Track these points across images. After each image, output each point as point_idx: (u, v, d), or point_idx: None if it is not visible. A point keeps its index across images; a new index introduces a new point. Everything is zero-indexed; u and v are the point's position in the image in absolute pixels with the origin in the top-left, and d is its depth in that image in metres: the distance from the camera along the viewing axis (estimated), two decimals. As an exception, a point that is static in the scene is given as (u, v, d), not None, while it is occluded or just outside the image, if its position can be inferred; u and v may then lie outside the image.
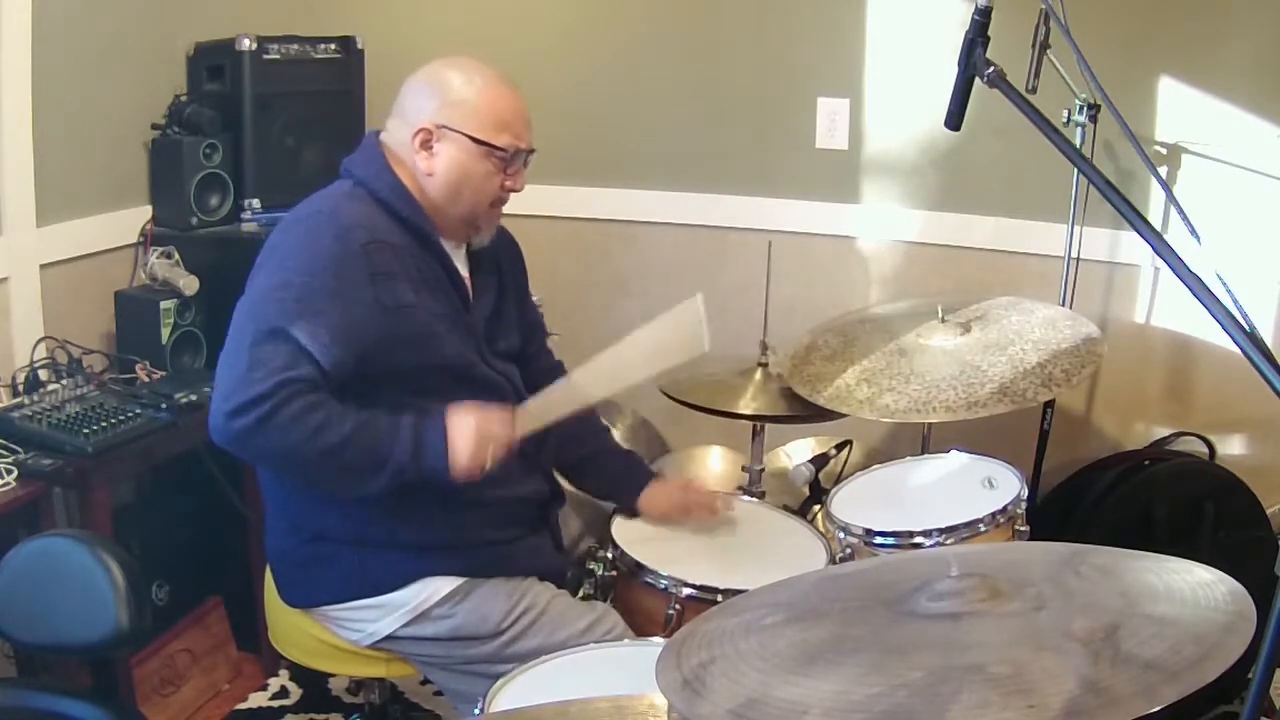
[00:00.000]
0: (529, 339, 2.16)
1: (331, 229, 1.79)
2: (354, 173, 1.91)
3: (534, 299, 2.25)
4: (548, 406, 1.89)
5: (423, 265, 1.88)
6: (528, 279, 2.19)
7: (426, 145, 1.88)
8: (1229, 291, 1.41)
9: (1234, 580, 1.06)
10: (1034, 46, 2.39)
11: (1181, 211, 1.82)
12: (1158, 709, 0.89)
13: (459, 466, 1.77)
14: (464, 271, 1.98)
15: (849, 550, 2.00)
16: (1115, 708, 0.88)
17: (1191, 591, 1.06)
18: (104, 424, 2.27)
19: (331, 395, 1.75)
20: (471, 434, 1.78)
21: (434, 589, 1.88)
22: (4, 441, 2.22)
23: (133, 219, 2.80)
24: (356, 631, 1.92)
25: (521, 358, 2.11)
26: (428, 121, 1.87)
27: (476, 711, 1.54)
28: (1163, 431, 2.89)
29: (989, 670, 0.95)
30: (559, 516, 2.11)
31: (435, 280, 1.90)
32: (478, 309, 1.98)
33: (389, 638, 1.90)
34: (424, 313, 1.85)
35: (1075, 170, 2.62)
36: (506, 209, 1.99)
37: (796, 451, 2.95)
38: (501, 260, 2.08)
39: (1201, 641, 0.95)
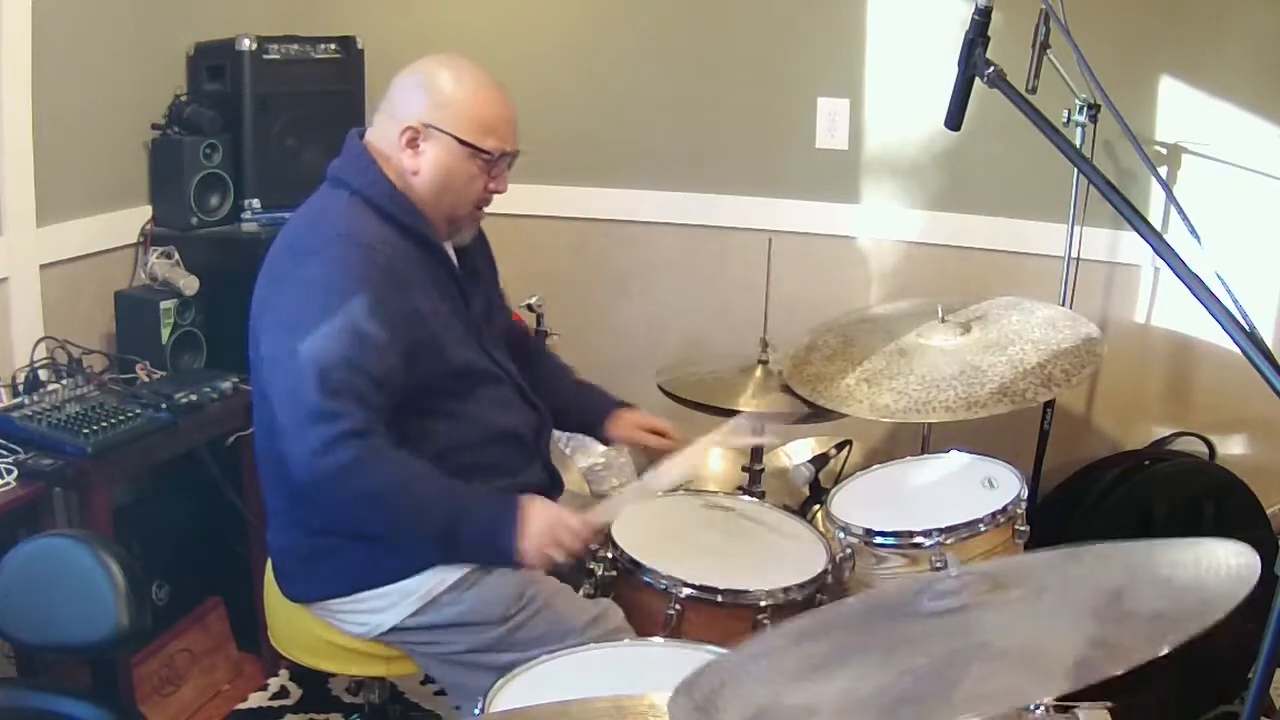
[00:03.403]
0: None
1: (357, 249, 1.80)
2: (348, 182, 1.91)
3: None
4: (615, 507, 1.96)
5: (427, 268, 1.90)
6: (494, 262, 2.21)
7: (413, 144, 1.88)
8: (1229, 291, 1.41)
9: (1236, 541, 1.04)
10: (1034, 46, 2.39)
11: (1181, 211, 1.82)
12: (1165, 654, 0.87)
13: (526, 558, 1.79)
14: (458, 269, 1.99)
15: (849, 550, 2.00)
16: (1123, 657, 0.87)
17: (1194, 556, 1.05)
18: (104, 424, 2.27)
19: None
20: (546, 529, 1.79)
21: (443, 576, 1.88)
22: (4, 441, 2.22)
23: (133, 219, 2.80)
24: (361, 625, 1.92)
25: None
26: (415, 120, 1.88)
27: (477, 711, 1.54)
28: (1163, 431, 2.89)
29: (995, 645, 0.94)
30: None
31: (439, 280, 1.92)
32: (475, 305, 2.00)
33: (395, 629, 1.90)
34: (435, 317, 1.88)
35: (1075, 170, 2.62)
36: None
37: (796, 451, 2.95)
38: (478, 252, 2.10)
39: (1204, 590, 0.95)
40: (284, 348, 1.76)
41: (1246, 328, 1.14)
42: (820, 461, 2.48)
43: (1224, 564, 1.00)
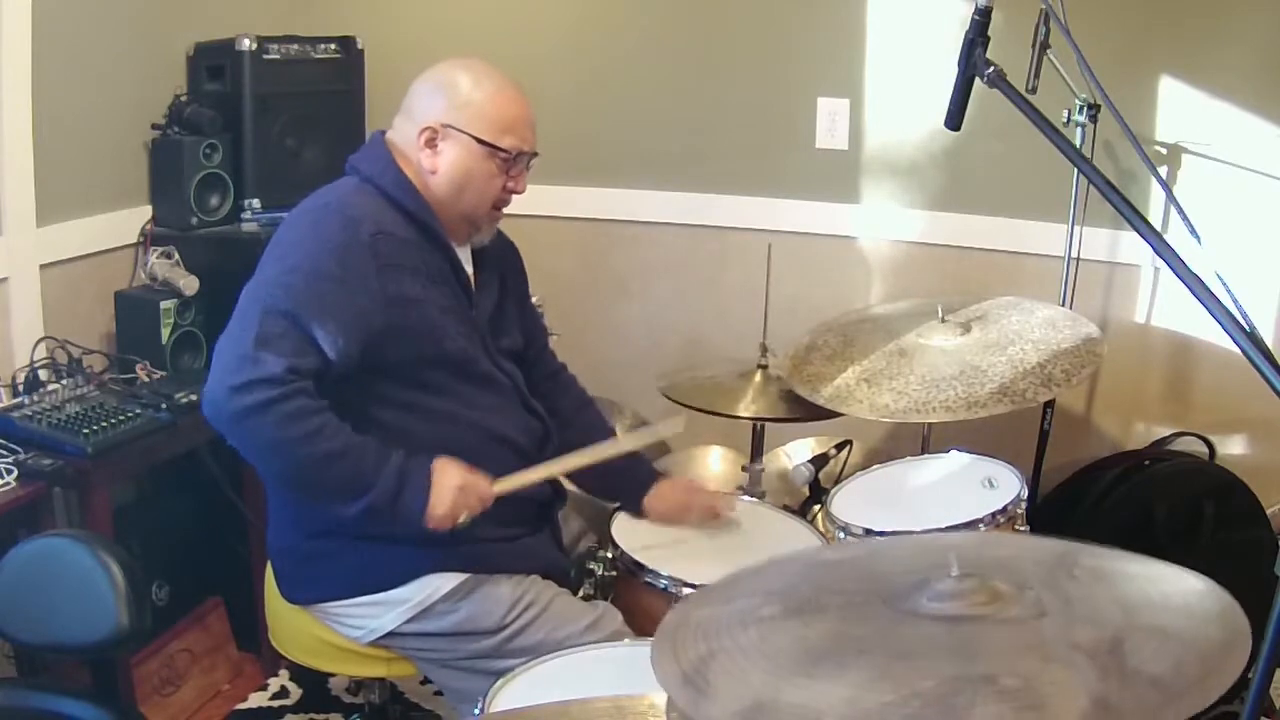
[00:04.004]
0: (529, 342, 2.16)
1: (338, 220, 1.82)
2: (360, 169, 1.93)
3: (533, 300, 2.26)
4: (524, 477, 1.92)
5: (429, 259, 1.90)
6: (527, 282, 2.20)
7: (431, 144, 1.90)
8: (1229, 291, 1.41)
9: (1226, 593, 1.05)
10: (1034, 46, 2.39)
11: (1181, 211, 1.82)
12: None
13: (434, 515, 1.79)
14: (468, 269, 1.99)
15: (849, 550, 2.00)
16: None
17: (1184, 601, 1.05)
18: (104, 424, 2.27)
19: (330, 399, 1.76)
20: (455, 487, 1.80)
21: (437, 585, 1.88)
22: (4, 441, 2.21)
23: (133, 219, 2.80)
24: (358, 629, 1.92)
25: (522, 361, 2.12)
26: (434, 120, 1.89)
27: (476, 711, 1.54)
28: (1163, 431, 2.89)
29: (1001, 682, 0.94)
30: (560, 515, 2.11)
31: (441, 275, 1.92)
32: (482, 305, 2.00)
33: (390, 634, 1.91)
34: (430, 306, 1.88)
35: (1075, 170, 2.62)
36: (507, 209, 2.00)
37: (796, 451, 2.95)
38: (502, 261, 2.10)
39: (1204, 660, 0.95)
40: (244, 295, 1.80)
41: (1246, 328, 1.14)
42: (820, 461, 2.48)
43: (1217, 619, 1.00)
